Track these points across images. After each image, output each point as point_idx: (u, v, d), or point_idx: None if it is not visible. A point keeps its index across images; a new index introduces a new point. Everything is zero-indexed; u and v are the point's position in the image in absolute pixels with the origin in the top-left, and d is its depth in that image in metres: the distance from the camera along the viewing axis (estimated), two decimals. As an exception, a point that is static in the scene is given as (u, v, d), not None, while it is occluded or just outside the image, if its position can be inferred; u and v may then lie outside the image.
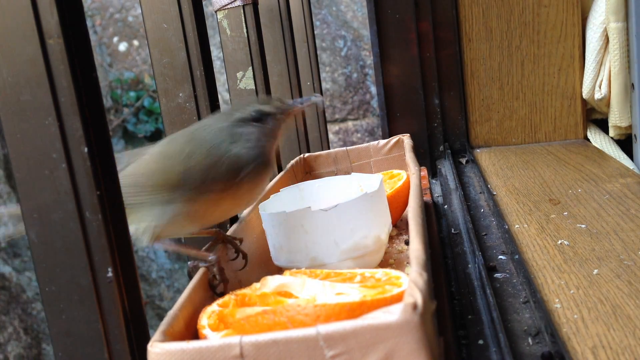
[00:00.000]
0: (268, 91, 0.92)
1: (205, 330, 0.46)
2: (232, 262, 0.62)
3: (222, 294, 0.55)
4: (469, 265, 0.73)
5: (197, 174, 0.55)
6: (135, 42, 2.61)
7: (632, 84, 1.15)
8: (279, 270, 0.62)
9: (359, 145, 0.98)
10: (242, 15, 0.87)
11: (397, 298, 0.44)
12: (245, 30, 0.87)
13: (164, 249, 0.58)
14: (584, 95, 1.27)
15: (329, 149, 1.21)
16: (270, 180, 0.60)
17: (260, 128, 0.59)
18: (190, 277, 0.57)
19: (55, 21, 0.38)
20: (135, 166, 0.57)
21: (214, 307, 0.49)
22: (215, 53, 2.36)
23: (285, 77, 1.07)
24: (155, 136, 2.54)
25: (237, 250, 0.62)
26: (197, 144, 0.57)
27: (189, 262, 0.58)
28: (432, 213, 0.88)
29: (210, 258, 0.56)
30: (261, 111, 0.59)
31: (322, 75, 2.44)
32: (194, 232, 0.62)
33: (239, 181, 0.56)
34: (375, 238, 0.63)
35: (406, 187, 0.79)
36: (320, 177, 0.90)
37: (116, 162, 0.44)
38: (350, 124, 2.48)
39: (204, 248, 0.62)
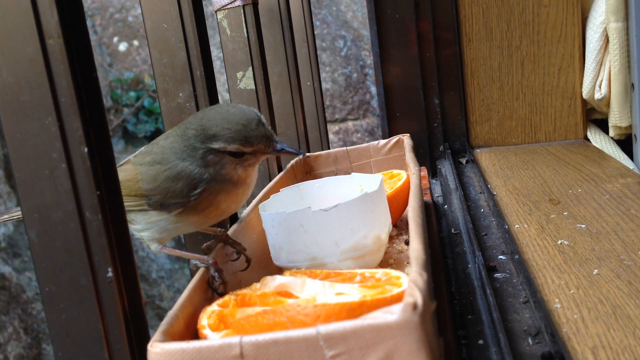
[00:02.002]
0: (268, 91, 0.92)
1: (205, 330, 0.46)
2: (233, 262, 0.62)
3: (222, 294, 0.55)
4: (469, 265, 0.73)
5: (160, 185, 0.56)
6: (135, 42, 2.61)
7: (632, 84, 1.15)
8: (279, 270, 0.62)
9: (359, 145, 0.98)
10: (242, 15, 0.87)
11: (397, 298, 0.44)
12: (245, 30, 0.87)
13: (168, 253, 0.59)
14: (584, 95, 1.27)
15: (329, 149, 1.21)
16: (245, 198, 0.62)
17: (237, 162, 0.57)
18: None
19: (55, 21, 0.38)
20: (121, 170, 0.59)
21: (214, 307, 0.49)
22: (215, 53, 2.36)
23: (285, 77, 1.07)
24: (155, 136, 2.53)
25: (239, 252, 0.62)
26: (165, 152, 0.57)
27: (191, 262, 0.58)
28: (432, 213, 0.88)
29: (206, 259, 0.56)
30: (242, 152, 0.57)
31: (322, 75, 2.44)
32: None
33: (195, 198, 0.57)
34: (375, 238, 0.63)
35: (406, 187, 0.79)
36: (320, 177, 0.90)
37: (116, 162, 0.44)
38: (350, 124, 2.48)
39: (203, 245, 0.63)
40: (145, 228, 0.59)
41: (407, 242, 0.75)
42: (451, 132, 1.32)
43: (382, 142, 0.97)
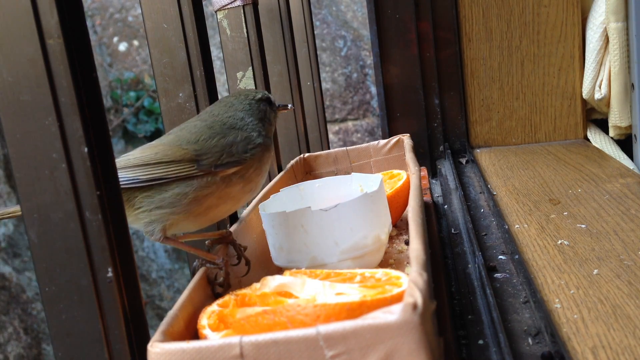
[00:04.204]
0: (268, 91, 0.92)
1: (205, 330, 0.46)
2: (234, 267, 0.62)
3: (221, 294, 0.55)
4: (469, 265, 0.73)
5: (215, 149, 0.58)
6: (135, 42, 2.61)
7: (632, 84, 1.15)
8: (279, 270, 0.62)
9: (359, 145, 0.98)
10: (242, 15, 0.87)
11: (397, 298, 0.44)
12: (245, 30, 0.87)
13: (174, 245, 0.58)
14: (584, 95, 1.27)
15: (329, 149, 1.21)
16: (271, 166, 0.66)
17: (271, 110, 0.68)
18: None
19: (55, 21, 0.38)
20: (142, 149, 0.58)
21: (214, 307, 0.49)
22: (215, 53, 2.36)
23: (285, 77, 1.07)
24: (155, 136, 2.54)
25: (240, 256, 0.62)
26: (218, 125, 0.62)
27: (194, 262, 0.58)
28: (432, 213, 0.88)
29: (218, 261, 0.56)
30: (269, 97, 0.68)
31: (322, 75, 2.44)
32: (200, 233, 0.62)
33: (252, 154, 0.61)
34: (375, 238, 0.63)
35: (406, 187, 0.79)
36: (320, 177, 0.90)
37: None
38: (350, 124, 2.48)
39: (207, 241, 0.62)
40: (175, 208, 0.56)
41: (407, 242, 0.75)
42: (451, 132, 1.32)
43: (382, 142, 0.97)
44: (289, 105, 0.74)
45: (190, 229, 0.60)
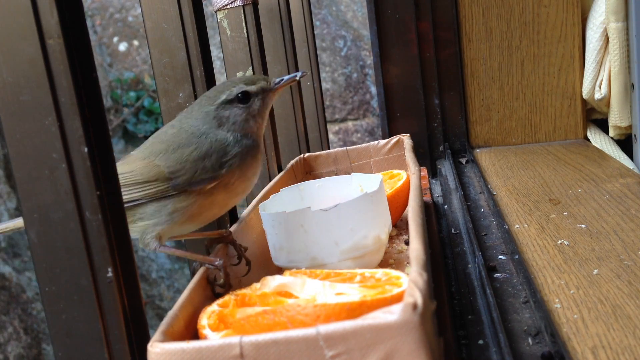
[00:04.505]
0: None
1: (205, 330, 0.46)
2: (234, 267, 0.62)
3: (220, 295, 0.55)
4: (469, 265, 0.73)
5: (187, 166, 0.56)
6: (135, 42, 2.61)
7: (632, 84, 1.15)
8: (279, 270, 0.62)
9: (359, 145, 0.98)
10: (242, 15, 0.87)
11: (397, 298, 0.44)
12: (245, 30, 0.87)
13: (169, 253, 0.58)
14: (584, 95, 1.27)
15: (329, 149, 1.21)
16: (262, 164, 0.62)
17: (247, 109, 0.60)
18: (209, 254, 0.59)
19: (55, 21, 0.38)
20: (122, 164, 0.58)
21: (214, 307, 0.49)
22: (215, 53, 2.36)
23: (285, 77, 1.07)
24: (155, 136, 2.54)
25: (240, 255, 0.62)
26: (184, 135, 0.58)
27: (194, 263, 0.58)
28: (432, 213, 0.88)
29: (217, 263, 0.56)
30: (247, 92, 0.60)
31: (322, 75, 2.44)
32: (200, 232, 0.62)
33: (229, 167, 0.57)
34: (375, 238, 0.63)
35: (406, 187, 0.79)
36: (320, 177, 0.90)
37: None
38: (350, 124, 2.48)
39: (207, 240, 0.62)
40: (158, 219, 0.56)
41: (407, 242, 0.75)
42: (451, 132, 1.32)
43: (382, 142, 0.97)
44: (297, 75, 0.64)
45: (183, 233, 0.60)
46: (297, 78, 0.63)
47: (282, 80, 0.63)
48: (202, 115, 0.59)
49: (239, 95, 0.59)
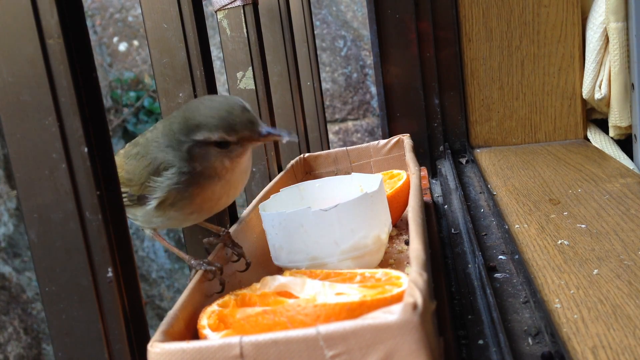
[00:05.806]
0: (268, 91, 0.92)
1: (205, 330, 0.46)
2: (232, 263, 0.62)
3: (221, 292, 0.55)
4: (469, 265, 0.73)
5: (137, 181, 0.56)
6: (135, 42, 2.61)
7: (632, 84, 1.15)
8: (279, 270, 0.62)
9: (359, 145, 0.98)
10: (242, 15, 0.87)
11: (397, 298, 0.44)
12: (245, 30, 0.87)
13: (162, 244, 0.59)
14: (584, 95, 1.27)
15: (329, 149, 1.21)
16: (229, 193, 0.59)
17: (224, 152, 0.55)
18: (208, 253, 0.60)
19: (55, 21, 0.38)
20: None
21: (214, 307, 0.49)
22: (215, 53, 2.36)
23: (285, 77, 1.07)
24: (155, 136, 2.53)
25: (239, 255, 0.62)
26: (147, 152, 0.56)
27: (204, 240, 0.59)
28: (432, 213, 0.88)
29: (212, 267, 0.56)
30: (227, 141, 0.54)
31: (322, 75, 2.44)
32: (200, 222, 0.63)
33: (168, 193, 0.55)
34: (375, 238, 0.63)
35: (406, 187, 0.79)
36: (320, 177, 0.90)
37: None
38: (350, 124, 2.48)
39: (205, 239, 0.62)
40: (135, 218, 0.58)
41: (407, 242, 0.75)
42: (451, 132, 1.32)
43: (382, 142, 0.97)
44: (285, 138, 0.54)
45: (177, 228, 0.61)
46: (284, 141, 0.55)
47: (270, 133, 0.54)
48: (173, 139, 0.55)
49: (217, 139, 0.54)
